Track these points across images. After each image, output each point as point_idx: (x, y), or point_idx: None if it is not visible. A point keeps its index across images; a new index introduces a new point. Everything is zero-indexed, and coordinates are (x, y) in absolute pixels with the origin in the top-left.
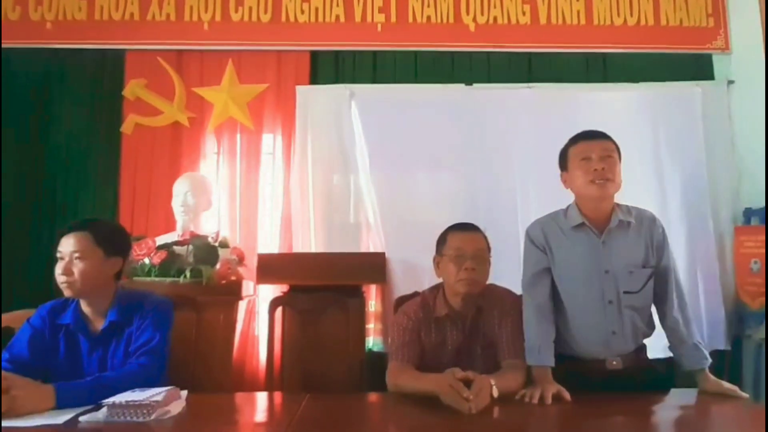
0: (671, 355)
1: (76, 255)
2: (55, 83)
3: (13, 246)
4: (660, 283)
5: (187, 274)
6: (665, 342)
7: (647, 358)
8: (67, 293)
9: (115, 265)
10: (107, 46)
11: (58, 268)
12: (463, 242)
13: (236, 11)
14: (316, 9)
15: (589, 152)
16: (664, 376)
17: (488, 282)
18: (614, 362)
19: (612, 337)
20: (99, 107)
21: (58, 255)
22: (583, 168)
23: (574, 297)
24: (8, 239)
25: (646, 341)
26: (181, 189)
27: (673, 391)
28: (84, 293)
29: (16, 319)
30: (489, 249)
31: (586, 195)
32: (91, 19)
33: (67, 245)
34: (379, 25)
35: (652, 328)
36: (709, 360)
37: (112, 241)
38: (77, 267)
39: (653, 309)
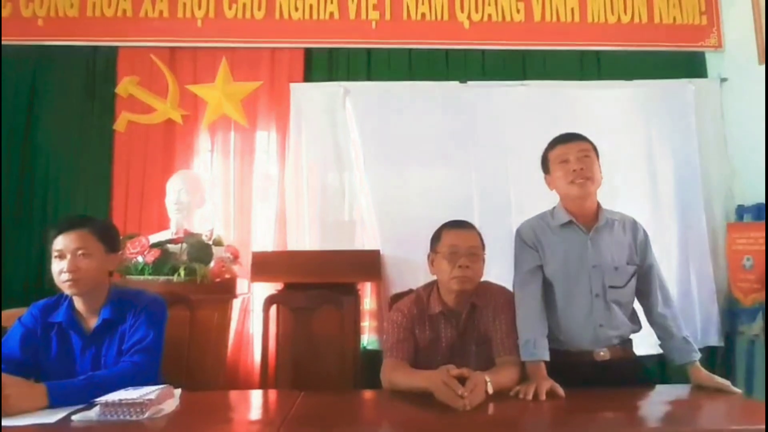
0: (661, 351)
1: (81, 252)
2: (46, 80)
3: (4, 244)
4: (644, 281)
5: (181, 272)
6: (655, 338)
7: (633, 352)
8: (70, 291)
9: (114, 262)
10: (99, 43)
11: (61, 265)
12: (457, 239)
13: (230, 8)
14: (310, 6)
15: (566, 155)
16: (654, 369)
17: (482, 279)
18: (602, 353)
19: (599, 330)
20: (91, 104)
21: (57, 253)
22: (563, 170)
23: (564, 291)
24: None
25: (636, 338)
26: (174, 187)
27: (665, 386)
28: (87, 290)
29: (8, 317)
30: (483, 246)
31: (569, 195)
32: (83, 15)
33: (69, 242)
34: (374, 23)
35: (639, 324)
36: (698, 353)
37: (111, 237)
38: (83, 263)
39: (641, 307)
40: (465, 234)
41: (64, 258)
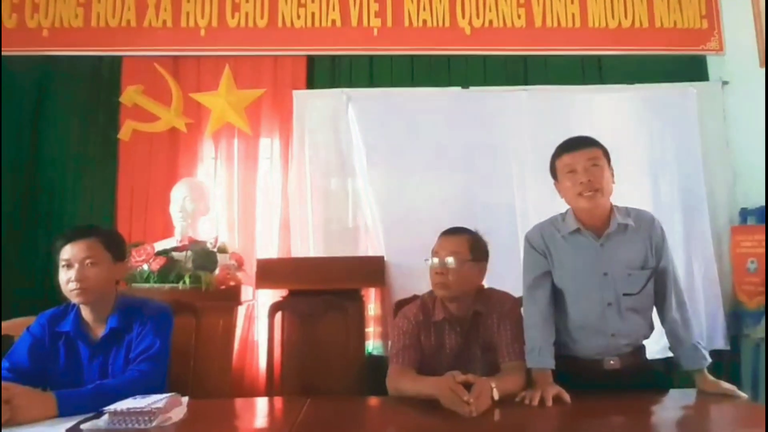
0: (670, 355)
1: (89, 261)
2: (51, 90)
3: (10, 253)
4: (659, 283)
5: (186, 279)
6: (664, 342)
7: (645, 358)
8: (78, 299)
9: (121, 271)
10: (104, 53)
11: (69, 275)
12: (439, 246)
13: (232, 17)
14: (313, 14)
15: (574, 164)
16: (662, 375)
17: (486, 285)
18: (612, 362)
19: (611, 339)
20: (96, 114)
21: (64, 262)
22: (571, 180)
23: (574, 299)
24: (5, 247)
25: (645, 341)
26: (179, 195)
27: (671, 391)
28: (95, 299)
29: (16, 327)
30: (475, 252)
31: (577, 207)
32: (87, 25)
33: (78, 251)
34: (376, 29)
35: (652, 328)
36: (708, 360)
37: (118, 246)
38: (91, 272)
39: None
40: (449, 240)
41: (72, 267)
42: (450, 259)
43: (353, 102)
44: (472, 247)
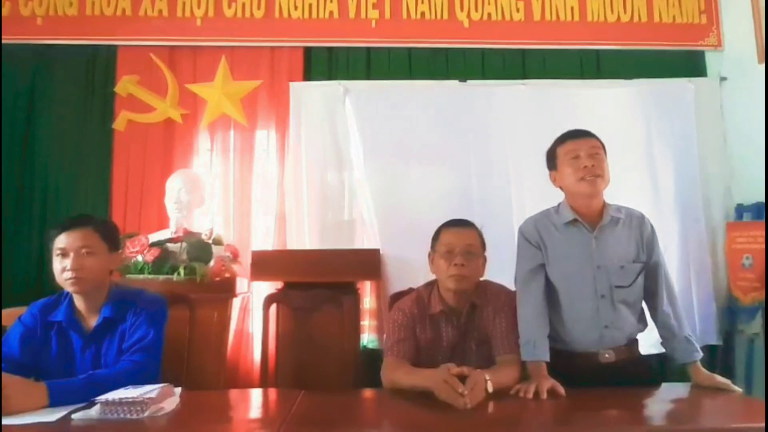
0: (663, 350)
1: (86, 250)
2: (45, 79)
3: (3, 243)
4: (650, 278)
5: (181, 271)
6: (657, 337)
7: (639, 352)
8: (73, 289)
9: (116, 261)
10: (99, 42)
11: (65, 263)
12: (453, 238)
13: (229, 7)
14: (310, 5)
15: (577, 150)
16: (656, 369)
17: (484, 278)
18: (607, 355)
19: (605, 331)
20: (90, 104)
21: (59, 251)
22: (573, 166)
23: (568, 292)
24: None
25: (639, 336)
26: (174, 186)
27: (666, 384)
28: (90, 289)
29: (8, 317)
30: (483, 245)
31: (578, 192)
32: (82, 14)
33: (73, 240)
34: (373, 21)
35: (645, 323)
36: (701, 353)
37: (114, 236)
38: (88, 262)
39: (645, 305)
40: (462, 233)
41: (67, 256)
42: (468, 252)
43: (350, 94)
44: (481, 239)
